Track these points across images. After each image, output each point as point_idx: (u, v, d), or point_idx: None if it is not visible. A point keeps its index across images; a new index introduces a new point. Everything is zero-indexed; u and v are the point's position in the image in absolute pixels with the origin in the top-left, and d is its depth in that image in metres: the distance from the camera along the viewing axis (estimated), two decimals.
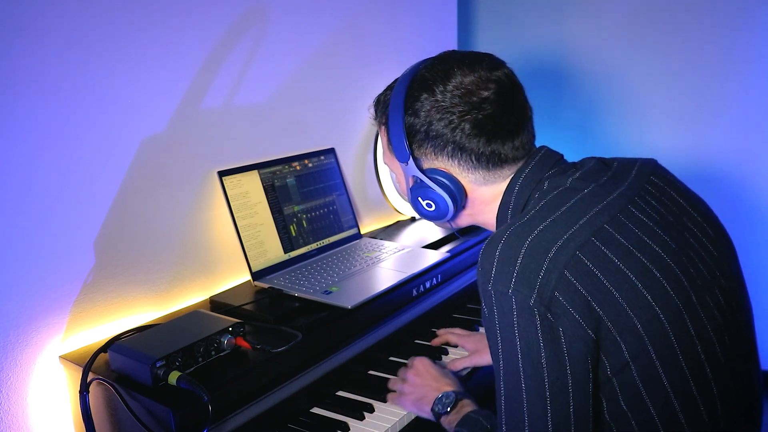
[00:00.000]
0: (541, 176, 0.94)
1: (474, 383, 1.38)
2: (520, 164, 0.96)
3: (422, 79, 0.95)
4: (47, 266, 1.18)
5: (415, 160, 0.96)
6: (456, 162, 0.94)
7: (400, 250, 1.62)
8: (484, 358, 1.37)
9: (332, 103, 1.78)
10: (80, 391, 1.04)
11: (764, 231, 2.37)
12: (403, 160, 0.96)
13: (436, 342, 1.46)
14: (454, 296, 1.62)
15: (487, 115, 0.91)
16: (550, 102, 2.67)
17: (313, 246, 1.59)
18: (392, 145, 0.98)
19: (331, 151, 1.70)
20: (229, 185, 1.43)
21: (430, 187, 0.95)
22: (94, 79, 1.22)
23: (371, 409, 1.22)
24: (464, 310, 1.66)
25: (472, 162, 0.94)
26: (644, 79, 2.45)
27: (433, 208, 0.97)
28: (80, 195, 1.22)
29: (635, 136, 2.51)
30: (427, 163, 0.96)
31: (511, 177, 0.96)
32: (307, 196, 1.60)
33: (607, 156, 1.04)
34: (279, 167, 1.55)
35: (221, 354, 1.13)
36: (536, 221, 0.84)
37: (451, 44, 2.26)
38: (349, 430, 1.18)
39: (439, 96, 0.92)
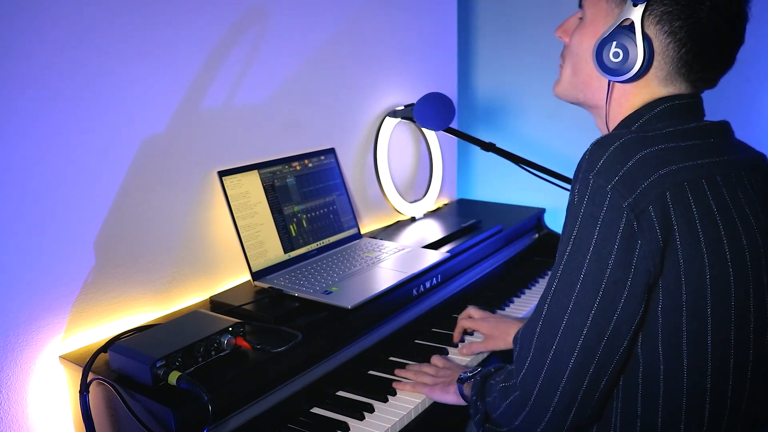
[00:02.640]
0: (682, 114, 0.93)
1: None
2: (682, 91, 0.94)
3: None
4: (47, 266, 1.18)
5: (644, 10, 0.90)
6: (667, 42, 0.90)
7: (400, 250, 1.62)
8: (500, 343, 1.38)
9: (332, 103, 1.78)
10: (80, 391, 1.04)
11: None
12: (636, 1, 0.89)
13: (456, 338, 1.48)
14: (454, 296, 1.62)
15: (725, 27, 0.89)
16: (551, 102, 2.67)
17: (313, 246, 1.59)
18: None
19: (331, 151, 1.70)
20: (229, 185, 1.43)
21: (635, 39, 0.89)
22: (94, 79, 1.22)
23: (371, 409, 1.22)
24: (464, 310, 1.66)
25: (677, 55, 0.90)
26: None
27: (618, 60, 0.90)
28: (80, 195, 1.22)
29: None
30: (645, 23, 0.90)
31: (663, 96, 0.94)
32: (307, 196, 1.60)
33: None
34: (279, 167, 1.55)
35: (221, 354, 1.13)
36: (659, 140, 0.85)
37: (451, 44, 2.26)
38: (349, 430, 1.18)
39: None
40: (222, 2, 1.44)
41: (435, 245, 1.69)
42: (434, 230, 1.84)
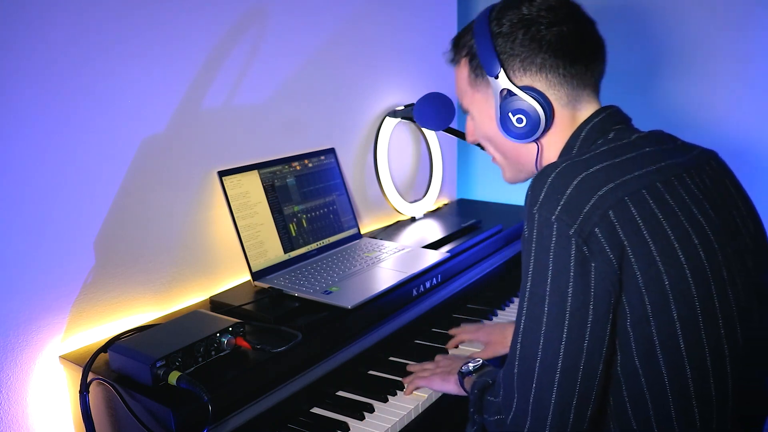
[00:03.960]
0: (609, 127, 0.96)
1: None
2: (593, 100, 1.00)
3: (505, 3, 0.98)
4: (47, 266, 1.18)
5: (506, 73, 0.96)
6: (543, 76, 0.95)
7: (400, 250, 1.62)
8: (499, 349, 1.39)
9: (332, 103, 1.78)
10: (80, 391, 1.04)
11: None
12: (493, 73, 0.96)
13: (451, 345, 1.47)
14: (454, 296, 1.62)
15: (570, 31, 0.95)
16: None
17: (313, 246, 1.59)
18: (482, 64, 0.98)
19: (331, 151, 1.70)
20: (229, 185, 1.43)
21: (521, 98, 0.95)
22: (94, 79, 1.22)
23: (371, 409, 1.22)
24: (464, 310, 1.66)
25: (558, 78, 0.95)
26: (644, 77, 2.45)
27: (524, 123, 0.96)
28: (80, 195, 1.22)
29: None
30: (516, 80, 0.97)
31: (582, 121, 0.98)
32: (307, 196, 1.60)
33: None
34: (279, 167, 1.55)
35: (221, 354, 1.13)
36: (593, 161, 0.87)
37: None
38: (349, 430, 1.18)
39: (525, 10, 0.95)
40: (222, 2, 1.44)
41: (435, 245, 1.69)
42: (434, 230, 1.84)
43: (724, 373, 0.86)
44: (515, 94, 0.96)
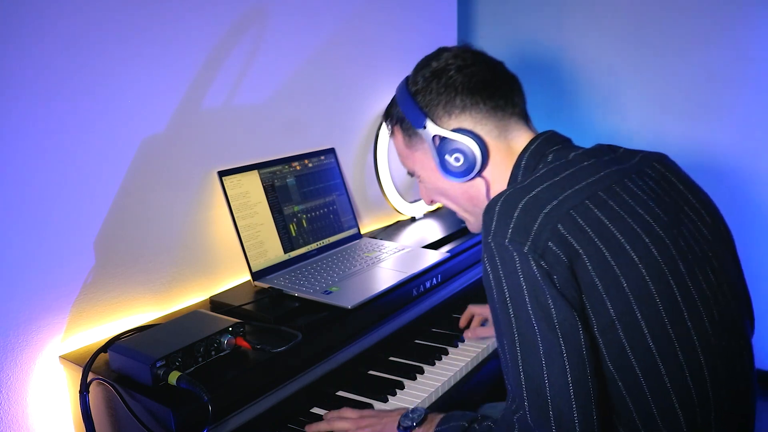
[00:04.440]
0: (546, 151, 0.99)
1: (477, 381, 1.39)
2: (525, 129, 1.04)
3: (416, 67, 1.07)
4: (47, 266, 1.18)
5: (433, 121, 1.02)
6: (468, 115, 1.01)
7: (400, 250, 1.62)
8: None
9: (332, 103, 1.78)
10: (80, 391, 1.04)
11: (764, 230, 2.37)
12: (420, 125, 1.02)
13: (463, 322, 1.50)
14: (454, 296, 1.62)
15: (479, 69, 1.02)
16: (550, 101, 2.67)
17: (313, 246, 1.59)
18: (409, 120, 1.04)
19: (331, 151, 1.70)
20: (229, 185, 1.43)
21: (453, 139, 1.00)
22: (94, 79, 1.22)
23: (371, 409, 1.22)
24: (464, 311, 1.66)
25: (482, 113, 1.01)
26: (645, 78, 2.45)
27: (462, 161, 1.00)
28: (80, 195, 1.22)
29: (636, 135, 2.51)
30: (444, 126, 1.02)
31: (520, 151, 1.02)
32: (307, 196, 1.60)
33: None
34: (279, 167, 1.55)
35: (221, 354, 1.13)
36: (535, 184, 0.90)
37: (451, 44, 2.26)
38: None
39: (434, 64, 1.03)
40: (222, 2, 1.44)
41: (435, 245, 1.69)
42: (434, 230, 1.84)
43: (698, 365, 0.86)
44: (446, 137, 1.01)
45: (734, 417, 0.92)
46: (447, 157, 1.01)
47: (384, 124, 1.14)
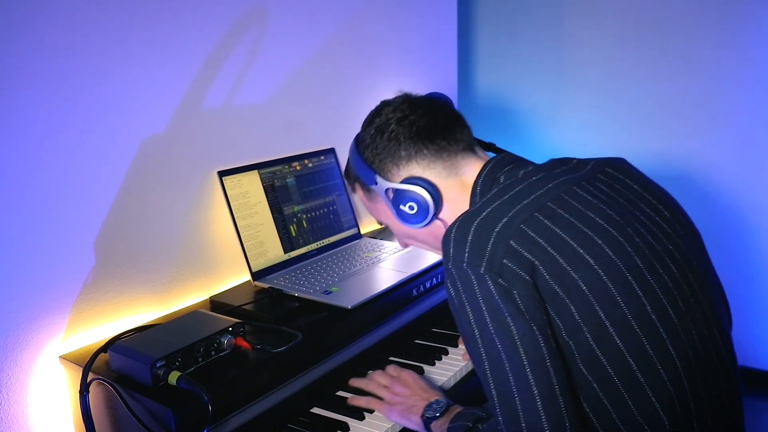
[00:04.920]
0: (497, 175, 1.03)
1: (477, 381, 1.38)
2: (474, 159, 1.06)
3: (364, 123, 1.12)
4: (47, 266, 1.18)
5: (383, 177, 1.07)
6: (415, 163, 1.05)
7: (400, 250, 1.62)
8: None
9: (332, 103, 1.78)
10: (80, 391, 1.04)
11: (762, 230, 2.37)
12: (371, 182, 1.07)
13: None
14: None
15: (419, 115, 1.05)
16: (551, 102, 2.68)
17: (313, 246, 1.59)
18: (361, 180, 1.10)
19: (331, 151, 1.70)
20: (229, 185, 1.43)
21: (402, 190, 1.05)
22: (94, 79, 1.22)
23: (371, 410, 1.22)
24: None
25: (427, 158, 1.04)
26: (644, 78, 2.45)
27: (416, 209, 1.04)
28: (80, 195, 1.22)
29: (635, 134, 2.51)
30: (394, 178, 1.07)
31: (474, 177, 1.05)
32: (307, 196, 1.60)
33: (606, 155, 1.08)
34: (279, 167, 1.55)
35: (221, 354, 1.13)
36: (485, 206, 0.93)
37: (451, 44, 2.26)
38: (349, 430, 1.18)
39: (377, 121, 1.07)
40: (222, 2, 1.44)
41: None
42: None
43: (668, 357, 0.88)
44: (397, 189, 1.05)
45: (719, 408, 0.93)
46: (402, 207, 1.05)
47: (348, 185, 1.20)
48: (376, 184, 1.06)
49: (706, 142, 2.39)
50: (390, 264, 1.53)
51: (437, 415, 1.11)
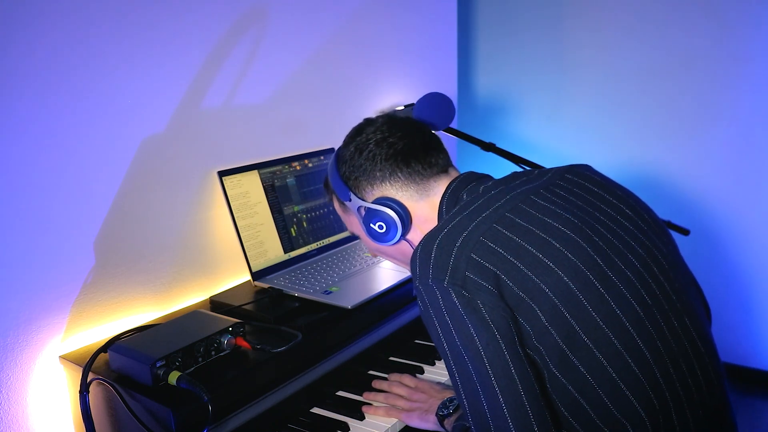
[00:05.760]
0: (460, 194, 1.06)
1: None
2: (445, 180, 1.09)
3: (346, 139, 1.14)
4: (47, 266, 1.18)
5: (356, 195, 1.09)
6: (388, 184, 1.07)
7: None
8: None
9: (332, 103, 1.78)
10: (80, 391, 1.04)
11: (763, 230, 2.37)
12: (346, 198, 1.09)
13: None
14: None
15: (398, 137, 1.08)
16: (551, 102, 2.68)
17: (313, 246, 1.59)
18: (338, 195, 1.11)
19: (331, 151, 1.70)
20: (229, 185, 1.43)
21: (373, 209, 1.07)
22: (94, 79, 1.22)
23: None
24: None
25: (401, 181, 1.07)
26: (644, 77, 2.45)
27: (384, 228, 1.07)
28: (80, 195, 1.22)
29: (634, 133, 2.51)
30: (369, 197, 1.09)
31: (439, 200, 1.08)
32: (307, 196, 1.60)
33: (600, 162, 1.08)
34: (279, 167, 1.55)
35: (221, 354, 1.13)
36: (446, 224, 0.95)
37: (451, 44, 2.26)
38: (349, 430, 1.18)
39: (358, 138, 1.10)
40: (222, 2, 1.44)
41: None
42: None
43: (637, 349, 0.89)
44: (369, 207, 1.08)
45: (699, 401, 0.92)
46: (371, 225, 1.08)
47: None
48: (350, 200, 1.09)
49: (706, 141, 2.39)
50: (390, 264, 1.53)
51: (450, 411, 1.14)
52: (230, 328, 1.14)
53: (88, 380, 1.06)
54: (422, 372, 1.36)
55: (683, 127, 2.42)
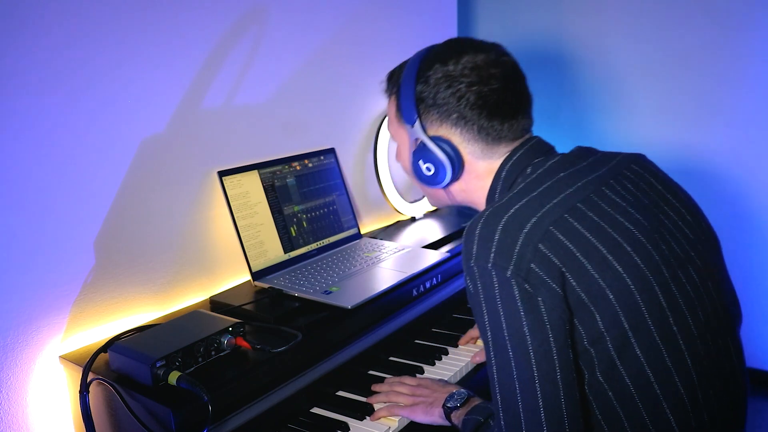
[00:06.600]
0: (528, 163, 0.99)
1: (481, 376, 1.39)
2: (513, 145, 1.01)
3: (436, 53, 1.02)
4: (47, 266, 1.18)
5: (422, 124, 1.01)
6: (458, 131, 1.00)
7: (400, 250, 1.62)
8: None
9: (332, 103, 1.78)
10: (80, 391, 1.04)
11: (763, 229, 2.37)
12: (410, 122, 1.01)
13: (463, 342, 1.46)
14: (454, 296, 1.62)
15: (492, 89, 0.98)
16: (549, 97, 2.67)
17: (313, 246, 1.59)
18: (401, 109, 1.03)
19: (331, 151, 1.70)
20: (229, 185, 1.43)
21: (431, 150, 1.00)
22: (94, 79, 1.22)
23: (372, 410, 1.22)
24: (464, 310, 1.66)
25: (473, 133, 0.99)
26: (642, 72, 2.45)
27: (432, 172, 1.02)
28: (80, 195, 1.22)
29: (632, 129, 2.51)
30: (432, 130, 1.01)
31: (502, 160, 1.01)
32: (307, 196, 1.60)
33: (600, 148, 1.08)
34: (279, 167, 1.55)
35: (221, 354, 1.13)
36: (513, 201, 0.89)
37: None
38: (349, 430, 1.18)
39: (450, 67, 0.98)
40: (222, 2, 1.44)
41: (435, 245, 1.69)
42: (434, 230, 1.84)
43: (686, 368, 0.87)
44: (427, 144, 1.01)
45: (726, 416, 0.92)
46: (420, 162, 1.03)
47: (385, 83, 1.11)
48: (413, 126, 1.01)
49: (705, 140, 2.39)
50: (390, 264, 1.53)
51: (458, 405, 1.11)
52: (230, 328, 1.14)
53: (88, 380, 1.06)
54: (422, 372, 1.36)
55: (683, 127, 2.42)
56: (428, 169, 1.02)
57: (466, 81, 0.97)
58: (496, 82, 0.98)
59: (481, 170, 1.02)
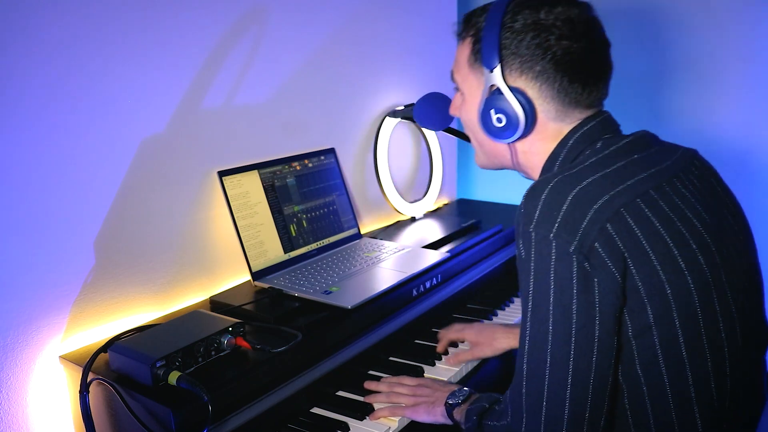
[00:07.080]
0: (598, 137, 0.95)
1: (480, 377, 1.39)
2: (586, 114, 0.96)
3: None
4: (47, 266, 1.18)
5: (502, 70, 0.94)
6: (538, 86, 0.93)
7: (400, 250, 1.62)
8: (486, 350, 1.37)
9: (332, 103, 1.78)
10: (80, 391, 1.04)
11: (762, 229, 2.37)
12: (489, 66, 0.94)
13: (440, 348, 1.43)
14: (454, 296, 1.62)
15: (581, 48, 0.92)
16: None
17: (313, 246, 1.59)
18: (481, 52, 0.95)
19: (331, 151, 1.70)
20: (229, 185, 1.43)
21: (507, 100, 0.94)
22: (94, 79, 1.22)
23: (372, 409, 1.22)
24: (464, 310, 1.66)
25: (552, 91, 0.93)
26: (644, 77, 2.45)
27: (503, 124, 0.95)
28: (80, 195, 1.22)
29: (632, 128, 2.51)
30: (510, 80, 0.95)
31: (570, 129, 0.96)
32: (307, 196, 1.60)
33: None
34: (279, 167, 1.55)
35: (221, 354, 1.13)
36: (585, 174, 0.85)
37: (452, 45, 2.26)
38: (349, 430, 1.18)
39: (542, 15, 0.92)
40: (222, 2, 1.44)
41: (435, 245, 1.69)
42: (434, 230, 1.84)
43: (723, 374, 0.86)
44: (503, 94, 0.94)
45: (743, 424, 0.92)
46: (492, 112, 0.95)
47: (459, 25, 1.04)
48: (492, 71, 0.93)
49: (706, 140, 2.39)
50: (390, 264, 1.53)
51: (459, 401, 1.11)
52: (230, 328, 1.14)
53: (88, 380, 1.06)
54: (422, 372, 1.36)
55: (683, 127, 2.42)
56: (499, 120, 0.94)
57: (557, 33, 0.91)
58: (586, 41, 0.92)
59: (549, 132, 0.96)
